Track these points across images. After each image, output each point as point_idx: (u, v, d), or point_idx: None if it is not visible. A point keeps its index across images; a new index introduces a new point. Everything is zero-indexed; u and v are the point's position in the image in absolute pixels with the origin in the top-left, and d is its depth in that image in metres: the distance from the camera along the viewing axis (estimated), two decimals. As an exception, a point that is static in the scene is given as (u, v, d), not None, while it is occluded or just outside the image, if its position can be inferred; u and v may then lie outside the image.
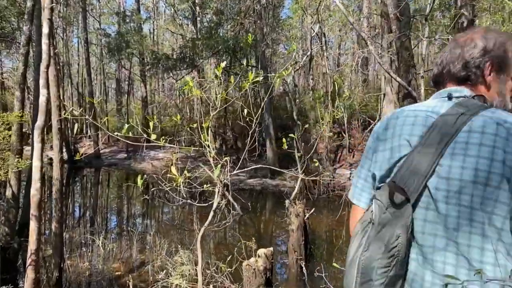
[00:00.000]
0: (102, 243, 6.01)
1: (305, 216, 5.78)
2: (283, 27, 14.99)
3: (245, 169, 3.39)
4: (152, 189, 7.28)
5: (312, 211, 6.14)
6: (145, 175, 3.59)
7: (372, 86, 19.05)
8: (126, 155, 18.58)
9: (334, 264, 2.12)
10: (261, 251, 3.94)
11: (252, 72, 2.72)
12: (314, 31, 11.83)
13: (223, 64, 2.82)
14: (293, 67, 11.20)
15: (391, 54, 10.94)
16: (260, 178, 13.29)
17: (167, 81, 22.33)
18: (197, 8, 16.93)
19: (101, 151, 19.61)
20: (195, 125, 2.79)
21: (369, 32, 15.27)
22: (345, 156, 15.28)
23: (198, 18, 17.81)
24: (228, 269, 4.36)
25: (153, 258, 5.55)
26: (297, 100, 11.00)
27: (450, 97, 1.06)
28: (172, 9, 20.06)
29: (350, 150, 15.24)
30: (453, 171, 0.94)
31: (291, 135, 4.81)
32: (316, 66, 13.82)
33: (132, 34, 17.15)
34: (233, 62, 14.53)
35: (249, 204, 9.31)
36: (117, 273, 5.26)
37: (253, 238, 5.26)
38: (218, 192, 2.66)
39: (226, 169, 2.60)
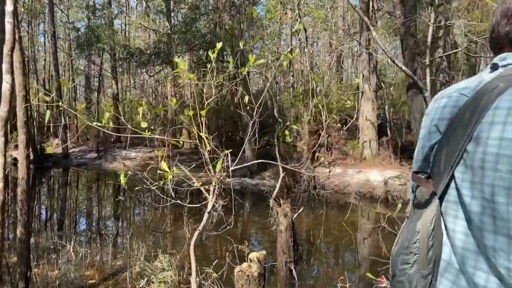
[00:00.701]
0: (73, 248, 5.52)
1: (293, 216, 5.51)
2: (261, 24, 14.72)
3: (245, 164, 3.06)
4: (136, 188, 6.80)
5: (300, 210, 5.87)
6: (129, 173, 3.19)
7: (348, 85, 19.10)
8: (96, 154, 17.81)
9: (368, 274, 1.83)
10: (253, 255, 3.62)
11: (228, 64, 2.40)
12: (293, 27, 11.62)
13: (219, 45, 2.48)
14: (274, 64, 10.94)
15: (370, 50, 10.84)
16: (239, 177, 12.95)
17: (139, 78, 21.62)
18: (171, 2, 16.41)
19: (70, 151, 18.74)
20: (191, 113, 2.43)
21: (348, 30, 15.25)
22: (323, 154, 15.18)
23: (173, 14, 17.29)
24: (215, 275, 4.02)
25: (131, 263, 5.13)
26: (278, 97, 10.74)
27: (495, 67, 0.90)
28: (144, 4, 19.40)
29: (328, 149, 15.15)
30: (476, 158, 0.82)
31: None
32: (295, 63, 13.62)
33: (103, 28, 16.42)
34: (210, 57, 14.11)
35: (243, 204, 8.95)
36: (90, 281, 4.80)
37: (246, 242, 4.93)
38: (214, 191, 2.32)
39: (225, 164, 2.27)
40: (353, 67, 19.16)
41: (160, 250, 5.56)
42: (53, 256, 5.38)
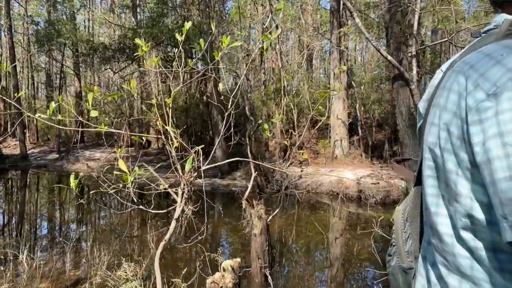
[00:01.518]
0: (26, 258, 4.99)
1: (267, 218, 5.21)
2: (230, 20, 14.37)
3: (217, 163, 2.73)
4: (92, 192, 6.33)
5: (276, 212, 5.59)
6: (80, 175, 2.79)
7: (317, 83, 19.07)
8: (57, 155, 16.89)
9: None
10: (227, 263, 3.31)
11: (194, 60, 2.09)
12: (264, 24, 11.35)
13: (187, 25, 2.15)
14: (246, 61, 10.64)
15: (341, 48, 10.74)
16: (210, 178, 12.56)
17: (103, 75, 20.76)
18: (138, -3, 15.79)
19: (29, 152, 17.69)
20: (152, 101, 2.08)
21: (318, 28, 15.16)
22: (294, 154, 15.03)
23: (139, 9, 16.66)
24: (184, 286, 3.66)
25: (91, 273, 4.68)
26: (249, 95, 10.45)
27: (478, 34, 0.79)
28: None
29: (300, 148, 15.01)
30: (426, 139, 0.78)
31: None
32: (266, 61, 13.38)
33: (64, 22, 15.58)
34: (177, 54, 13.64)
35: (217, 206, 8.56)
36: (44, 295, 4.33)
37: (218, 249, 4.59)
38: (183, 194, 1.99)
39: (195, 164, 1.93)
40: (323, 66, 19.16)
41: (124, 258, 5.14)
42: (2, 269, 4.83)
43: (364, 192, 9.86)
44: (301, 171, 12.57)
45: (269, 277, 4.60)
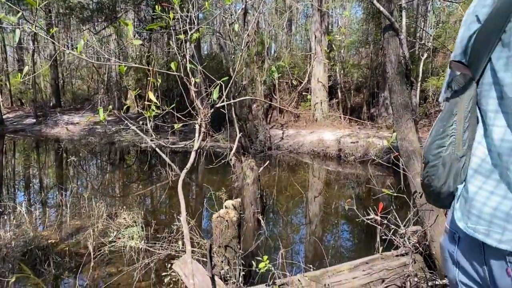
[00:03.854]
0: (25, 210, 5.15)
1: (259, 169, 5.52)
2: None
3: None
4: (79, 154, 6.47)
5: (266, 164, 5.89)
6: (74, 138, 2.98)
7: (297, 47, 19.13)
8: (35, 120, 16.57)
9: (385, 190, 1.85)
10: (229, 202, 3.58)
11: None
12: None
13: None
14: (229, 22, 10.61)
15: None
16: (192, 140, 12.72)
17: (80, 37, 20.09)
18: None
19: (4, 116, 17.27)
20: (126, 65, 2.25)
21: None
22: (275, 117, 15.31)
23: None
24: (193, 222, 3.94)
25: (93, 222, 4.90)
26: (232, 57, 10.51)
27: None
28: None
29: (280, 111, 15.27)
30: (507, 35, 0.83)
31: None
32: (249, 22, 13.30)
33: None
34: (157, 15, 13.37)
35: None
36: (50, 241, 4.54)
37: (220, 191, 4.86)
38: (201, 128, 2.22)
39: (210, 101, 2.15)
40: (304, 29, 19.17)
41: (120, 209, 5.38)
42: (4, 218, 4.99)
43: (344, 151, 10.31)
44: (282, 133, 12.90)
45: (261, 221, 4.95)
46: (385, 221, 2.79)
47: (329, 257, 3.99)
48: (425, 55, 10.51)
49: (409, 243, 2.33)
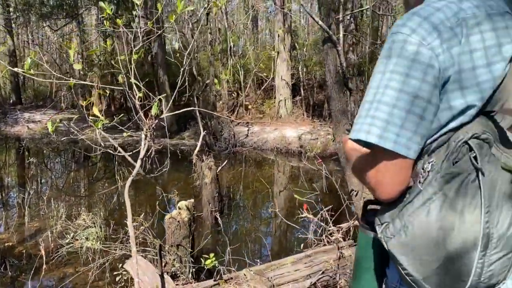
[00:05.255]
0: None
1: (217, 169, 5.73)
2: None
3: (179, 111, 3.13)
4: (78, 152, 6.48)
5: (225, 163, 6.11)
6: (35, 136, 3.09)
7: (263, 44, 19.38)
8: (-7, 118, 16.05)
9: (296, 196, 2.10)
10: (182, 203, 3.79)
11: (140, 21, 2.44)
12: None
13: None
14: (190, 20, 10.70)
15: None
16: (158, 138, 12.76)
17: (41, 32, 19.55)
18: None
19: (-41, 114, 16.61)
20: (122, 58, 2.42)
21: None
22: (241, 115, 15.52)
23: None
24: (146, 224, 4.11)
25: (51, 223, 4.97)
26: (196, 55, 10.62)
27: None
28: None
29: (246, 109, 15.50)
30: None
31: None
32: (212, 21, 13.43)
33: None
34: (120, 11, 13.26)
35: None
36: (7, 244, 4.59)
37: (174, 192, 5.03)
38: (146, 137, 2.41)
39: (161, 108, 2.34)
40: (268, 27, 19.43)
41: (81, 210, 5.46)
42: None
43: (305, 147, 10.67)
44: (248, 130, 13.15)
45: (219, 219, 5.17)
46: (320, 217, 3.07)
47: (276, 252, 4.27)
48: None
49: (333, 237, 2.61)
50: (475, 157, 0.75)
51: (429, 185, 0.78)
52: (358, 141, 0.85)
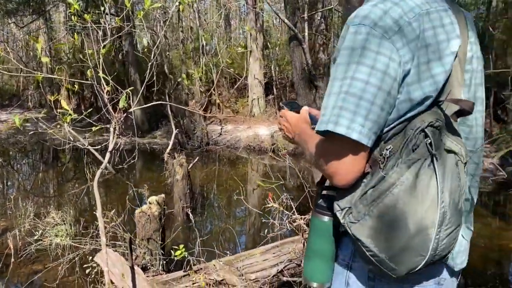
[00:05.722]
0: None
1: (188, 166, 5.78)
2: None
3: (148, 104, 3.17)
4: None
5: (196, 160, 6.16)
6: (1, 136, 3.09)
7: (236, 43, 19.45)
8: (-45, 118, 15.44)
9: (259, 183, 2.20)
10: (153, 198, 3.83)
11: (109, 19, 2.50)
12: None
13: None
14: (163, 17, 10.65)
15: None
16: (129, 137, 12.62)
17: (6, 29, 18.93)
18: None
19: None
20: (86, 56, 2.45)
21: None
22: (214, 113, 15.54)
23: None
24: (117, 219, 4.13)
25: (19, 222, 4.89)
26: (168, 54, 10.59)
27: None
28: None
29: (219, 107, 15.53)
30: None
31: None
32: (184, 19, 13.40)
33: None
34: (89, 8, 13.03)
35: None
36: (-27, 244, 4.49)
37: (145, 187, 5.04)
38: (115, 130, 2.46)
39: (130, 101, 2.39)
40: (241, 26, 19.51)
41: (50, 209, 5.39)
42: None
43: (277, 145, 10.83)
44: (221, 128, 13.20)
45: (190, 215, 5.22)
46: (285, 206, 3.19)
47: (247, 245, 4.37)
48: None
49: (295, 224, 2.73)
50: (430, 144, 0.81)
51: (392, 171, 0.83)
52: (318, 132, 0.88)
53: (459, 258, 0.98)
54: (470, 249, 1.04)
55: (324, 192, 1.03)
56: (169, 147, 7.47)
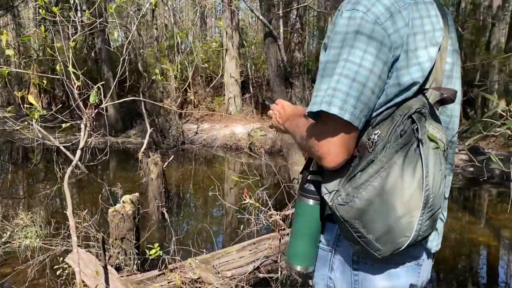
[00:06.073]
0: None
1: (163, 165, 5.70)
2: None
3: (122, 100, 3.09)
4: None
5: (171, 158, 6.08)
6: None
7: (211, 41, 19.33)
8: None
9: (233, 177, 2.18)
10: (126, 197, 3.75)
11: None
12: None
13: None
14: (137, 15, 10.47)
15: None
16: (102, 136, 12.35)
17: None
18: None
19: None
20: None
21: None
22: (190, 112, 15.41)
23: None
24: (89, 220, 4.03)
25: (-15, 225, 4.70)
26: (142, 51, 10.42)
27: None
28: None
29: (195, 106, 15.41)
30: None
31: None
32: (159, 17, 13.21)
33: None
34: (60, 4, 12.66)
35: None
36: None
37: (118, 186, 4.93)
38: (86, 127, 2.40)
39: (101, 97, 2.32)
40: (217, 25, 19.41)
41: (20, 210, 5.21)
42: None
43: (254, 144, 10.83)
44: (197, 127, 13.10)
45: (165, 214, 5.15)
46: (260, 201, 3.19)
47: (223, 243, 4.35)
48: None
49: (271, 219, 2.74)
50: (417, 129, 0.84)
51: (381, 155, 0.85)
52: (311, 113, 0.89)
53: (436, 240, 1.03)
54: (442, 243, 1.08)
55: (310, 177, 1.05)
56: (144, 146, 7.34)
